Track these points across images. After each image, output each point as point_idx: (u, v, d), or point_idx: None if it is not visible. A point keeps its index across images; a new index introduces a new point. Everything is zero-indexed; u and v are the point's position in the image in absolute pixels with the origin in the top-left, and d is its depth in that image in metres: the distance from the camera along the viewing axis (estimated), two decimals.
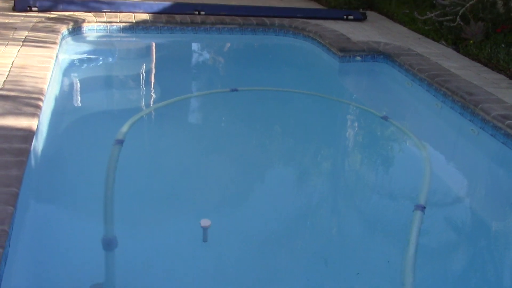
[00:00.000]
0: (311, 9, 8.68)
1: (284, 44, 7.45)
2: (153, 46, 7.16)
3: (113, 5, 7.40)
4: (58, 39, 5.79)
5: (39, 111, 3.81)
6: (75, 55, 6.27)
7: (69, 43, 6.35)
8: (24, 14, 6.78)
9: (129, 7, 7.42)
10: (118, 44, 7.04)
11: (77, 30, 6.62)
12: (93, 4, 7.38)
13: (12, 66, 4.70)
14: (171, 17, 7.20)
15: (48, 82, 4.47)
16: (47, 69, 4.72)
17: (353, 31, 7.42)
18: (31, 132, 3.45)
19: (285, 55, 7.45)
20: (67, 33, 6.40)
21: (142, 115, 4.66)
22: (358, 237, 3.33)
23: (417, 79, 5.77)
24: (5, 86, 4.18)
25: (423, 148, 4.37)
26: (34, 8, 6.91)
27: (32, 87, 4.21)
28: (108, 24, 6.86)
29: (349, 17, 8.17)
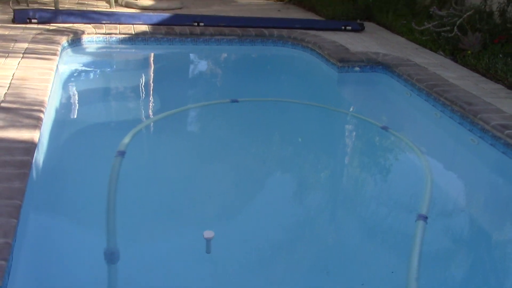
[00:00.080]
0: (309, 20, 8.73)
1: (283, 55, 7.48)
2: (152, 58, 7.18)
3: (112, 17, 7.44)
4: (58, 50, 5.81)
5: (41, 123, 3.82)
6: (75, 66, 6.29)
7: (69, 54, 6.36)
8: (24, 26, 6.80)
9: (128, 19, 7.46)
10: (118, 55, 7.06)
11: (76, 42, 6.64)
12: (92, 15, 7.41)
13: (13, 78, 4.70)
14: (170, 28, 7.23)
15: (49, 94, 4.48)
16: (47, 81, 4.73)
17: (351, 42, 7.47)
18: (33, 144, 3.44)
19: (284, 65, 7.49)
20: (67, 44, 6.41)
21: (143, 126, 4.66)
22: (361, 248, 3.33)
23: (416, 89, 5.80)
24: (6, 98, 4.19)
25: (423, 158, 4.38)
26: (33, 20, 6.93)
27: (33, 99, 4.21)
28: (107, 35, 6.88)
29: (347, 28, 8.22)
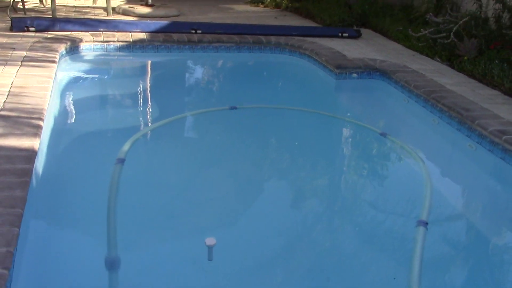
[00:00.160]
0: (306, 27, 8.78)
1: (280, 61, 7.51)
2: (150, 65, 7.19)
3: (110, 25, 7.45)
4: (57, 58, 5.81)
5: (40, 131, 3.82)
6: (74, 74, 6.29)
7: (67, 62, 6.37)
8: (22, 34, 6.80)
9: (126, 26, 7.47)
10: (116, 63, 7.07)
11: (74, 50, 6.65)
12: (90, 23, 7.42)
13: (12, 86, 4.71)
14: (168, 36, 7.25)
15: (48, 102, 4.48)
16: (46, 89, 4.73)
17: (348, 48, 7.51)
18: (33, 153, 3.44)
19: (282, 72, 7.51)
20: (65, 52, 6.41)
21: (143, 133, 4.67)
22: (363, 254, 3.34)
23: (413, 95, 5.83)
24: (5, 106, 4.19)
25: (422, 163, 4.40)
26: (31, 28, 6.94)
27: (32, 107, 4.21)
28: (105, 43, 6.89)
29: (344, 34, 8.26)
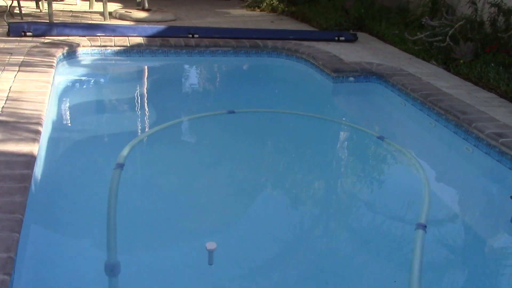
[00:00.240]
0: (303, 31, 8.81)
1: (277, 65, 7.53)
2: (148, 70, 7.20)
3: (107, 29, 7.46)
4: (54, 63, 5.81)
5: (39, 136, 3.82)
6: (72, 79, 6.29)
7: (65, 67, 6.37)
8: (19, 39, 6.80)
9: (123, 31, 7.48)
10: (114, 67, 7.07)
11: (72, 55, 6.65)
12: (87, 28, 7.43)
13: (10, 91, 4.70)
14: (165, 40, 7.26)
15: (46, 107, 4.48)
16: (44, 94, 4.73)
17: (345, 52, 7.54)
18: (32, 158, 3.45)
19: (279, 76, 7.54)
20: (63, 57, 6.42)
21: (141, 138, 4.67)
22: (362, 258, 3.35)
23: (410, 98, 5.86)
24: (3, 112, 4.19)
25: (420, 166, 4.42)
26: (28, 33, 6.93)
27: (30, 112, 4.21)
28: (102, 48, 6.90)
29: (341, 38, 8.30)
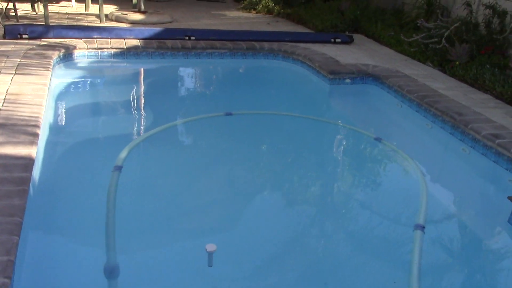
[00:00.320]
0: (299, 33, 8.83)
1: (274, 67, 7.55)
2: (145, 72, 7.19)
3: (103, 31, 7.45)
4: (51, 66, 5.80)
5: (37, 139, 3.81)
6: (69, 82, 6.28)
7: (62, 69, 6.35)
8: (15, 41, 6.78)
9: (120, 33, 7.47)
10: (110, 70, 7.06)
11: (68, 57, 6.64)
12: (83, 30, 7.41)
13: (7, 94, 4.69)
14: (162, 42, 7.26)
15: (44, 109, 4.47)
16: (41, 96, 4.72)
17: (341, 54, 7.56)
18: (30, 161, 3.44)
19: (276, 78, 7.55)
20: (59, 59, 6.40)
21: (139, 141, 4.67)
22: (362, 259, 3.36)
23: (406, 100, 5.89)
24: (1, 115, 4.17)
25: (417, 168, 4.44)
26: (24, 36, 6.92)
27: (28, 115, 4.20)
28: (99, 50, 6.89)
29: (337, 40, 8.33)
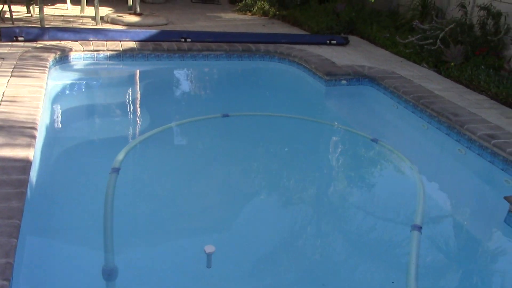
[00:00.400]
0: (295, 35, 8.85)
1: (270, 69, 7.56)
2: (141, 74, 7.19)
3: (99, 34, 7.44)
4: (47, 68, 5.79)
5: (34, 141, 3.81)
6: (65, 84, 6.27)
7: (58, 72, 6.34)
8: (10, 43, 6.76)
9: (116, 35, 7.46)
10: (106, 72, 7.06)
11: (64, 59, 6.63)
12: (79, 32, 7.40)
13: (3, 96, 4.68)
14: (158, 44, 7.26)
15: (41, 111, 4.47)
16: (38, 98, 4.72)
17: (337, 55, 7.59)
18: (28, 163, 3.44)
19: (272, 80, 7.57)
20: (55, 62, 6.39)
21: (136, 142, 4.66)
22: (359, 259, 3.38)
23: (402, 101, 5.92)
24: None
25: (414, 168, 4.47)
26: (20, 38, 6.90)
27: (25, 117, 4.20)
28: (95, 52, 6.88)
29: (332, 41, 8.35)
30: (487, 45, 7.04)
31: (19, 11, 9.06)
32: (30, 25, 7.84)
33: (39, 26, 7.70)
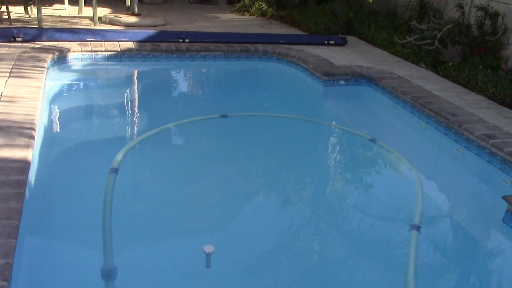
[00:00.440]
0: (293, 35, 8.86)
1: (268, 69, 7.57)
2: (139, 74, 7.18)
3: (97, 34, 7.44)
4: (45, 68, 5.78)
5: (33, 142, 3.80)
6: (63, 84, 6.26)
7: (56, 72, 6.34)
8: (8, 44, 6.75)
9: (114, 36, 7.46)
10: (105, 72, 7.05)
11: (62, 60, 6.62)
12: (77, 33, 7.39)
13: (1, 96, 4.68)
14: (156, 45, 7.26)
15: (39, 112, 4.46)
16: (36, 99, 4.71)
17: (335, 56, 7.60)
18: (26, 164, 3.43)
19: (270, 80, 7.58)
20: (53, 62, 6.39)
21: (135, 143, 4.66)
22: (358, 259, 3.38)
23: (400, 101, 5.93)
24: None
25: (412, 168, 4.47)
26: (18, 39, 6.90)
27: (23, 117, 4.19)
28: (93, 52, 6.88)
29: (330, 42, 8.37)
30: (485, 45, 7.07)
31: (17, 11, 9.06)
32: (28, 26, 7.83)
33: (37, 26, 7.69)
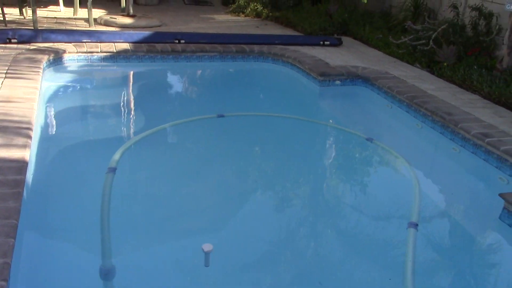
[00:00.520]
0: (288, 36, 8.88)
1: (264, 70, 7.59)
2: (135, 75, 7.18)
3: (93, 35, 7.43)
4: (41, 70, 5.77)
5: (30, 142, 3.80)
6: (59, 85, 6.25)
7: (52, 73, 6.32)
8: (4, 46, 6.74)
9: (109, 37, 7.45)
10: (100, 73, 7.04)
11: (58, 61, 6.61)
12: (73, 34, 7.38)
13: None
14: (151, 46, 7.26)
15: (36, 112, 4.45)
16: (33, 100, 4.70)
17: (330, 56, 7.62)
18: (24, 163, 3.43)
19: (267, 81, 7.59)
20: (49, 63, 6.37)
21: (132, 143, 4.66)
22: (356, 257, 3.39)
23: (396, 101, 5.96)
24: None
25: (409, 167, 4.49)
26: (13, 40, 6.88)
27: (20, 118, 4.18)
28: (89, 54, 6.87)
29: (326, 42, 8.39)
30: (479, 45, 7.11)
31: (12, 13, 9.03)
32: (23, 27, 7.81)
33: (32, 28, 7.67)
